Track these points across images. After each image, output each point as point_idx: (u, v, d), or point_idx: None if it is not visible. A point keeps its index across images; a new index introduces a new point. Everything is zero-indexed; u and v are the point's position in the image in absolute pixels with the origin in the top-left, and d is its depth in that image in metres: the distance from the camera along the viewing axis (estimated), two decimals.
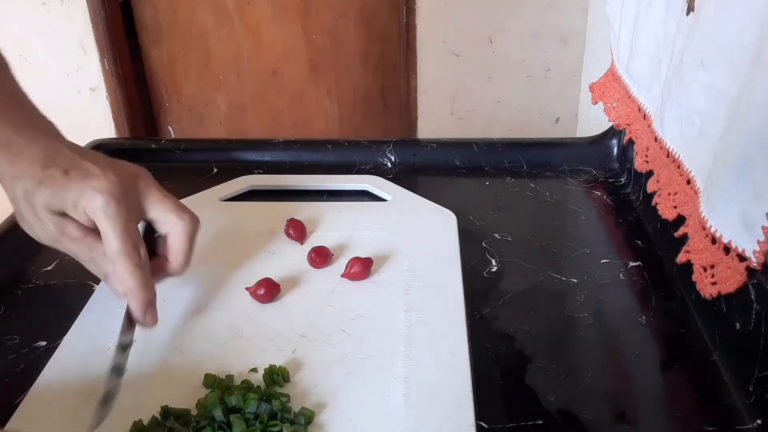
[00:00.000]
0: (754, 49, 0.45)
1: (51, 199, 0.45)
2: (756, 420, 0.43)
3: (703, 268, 0.51)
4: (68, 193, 0.45)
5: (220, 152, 0.80)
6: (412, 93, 1.72)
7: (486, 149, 0.78)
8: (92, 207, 0.45)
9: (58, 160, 0.46)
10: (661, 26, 0.65)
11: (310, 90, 1.84)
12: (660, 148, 0.63)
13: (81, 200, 0.45)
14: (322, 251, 0.57)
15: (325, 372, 0.46)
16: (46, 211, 0.46)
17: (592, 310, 0.54)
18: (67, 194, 0.45)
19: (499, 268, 0.60)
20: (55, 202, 0.46)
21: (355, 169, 0.76)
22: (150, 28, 1.78)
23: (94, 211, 0.45)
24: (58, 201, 0.46)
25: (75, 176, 0.46)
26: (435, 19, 1.63)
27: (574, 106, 1.74)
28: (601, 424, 0.44)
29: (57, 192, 0.45)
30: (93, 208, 0.45)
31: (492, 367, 0.48)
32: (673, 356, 0.51)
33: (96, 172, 0.46)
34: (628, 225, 0.67)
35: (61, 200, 0.46)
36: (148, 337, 0.49)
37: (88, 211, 0.46)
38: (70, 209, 0.46)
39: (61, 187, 0.45)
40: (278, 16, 1.75)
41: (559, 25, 1.65)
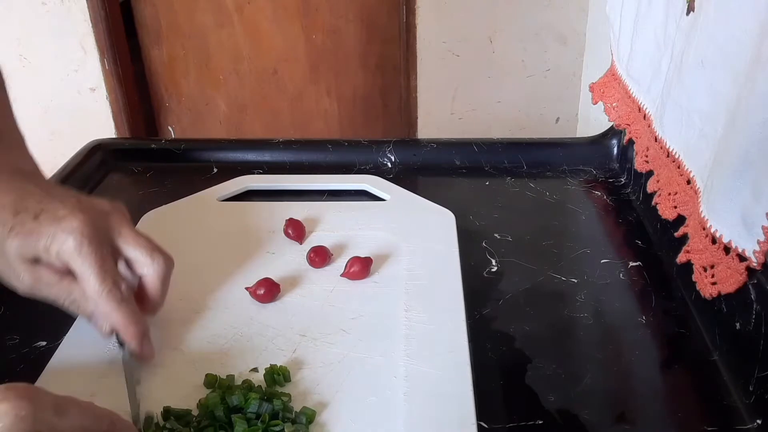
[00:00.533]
0: (754, 49, 0.45)
1: (22, 248, 0.44)
2: (756, 420, 0.43)
3: (703, 268, 0.51)
4: (39, 240, 0.44)
5: (220, 152, 0.80)
6: (412, 93, 1.72)
7: (486, 149, 0.78)
8: (64, 250, 0.44)
9: (29, 204, 0.45)
10: (661, 26, 0.65)
11: (310, 90, 1.84)
12: (660, 148, 0.63)
13: (52, 245, 0.44)
14: (321, 251, 0.57)
15: (326, 371, 0.46)
16: (19, 260, 0.44)
17: (592, 310, 0.54)
18: (38, 240, 0.44)
19: (499, 268, 0.60)
20: (26, 251, 0.44)
21: (355, 169, 0.76)
22: (150, 28, 1.78)
23: (67, 253, 0.44)
24: (30, 248, 0.44)
25: (44, 220, 0.44)
26: (435, 19, 1.63)
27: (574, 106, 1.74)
28: (601, 424, 0.44)
29: (27, 239, 0.44)
30: (65, 250, 0.44)
31: (492, 367, 0.48)
32: (673, 356, 0.51)
33: (64, 213, 0.45)
34: (628, 225, 0.67)
35: (33, 247, 0.44)
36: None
37: (61, 254, 0.44)
38: (43, 255, 0.44)
39: (32, 233, 0.44)
40: (278, 16, 1.75)
41: (559, 25, 1.65)
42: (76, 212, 0.45)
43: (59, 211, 0.45)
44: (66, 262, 0.45)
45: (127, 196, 0.74)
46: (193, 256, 0.58)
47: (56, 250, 0.44)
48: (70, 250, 0.44)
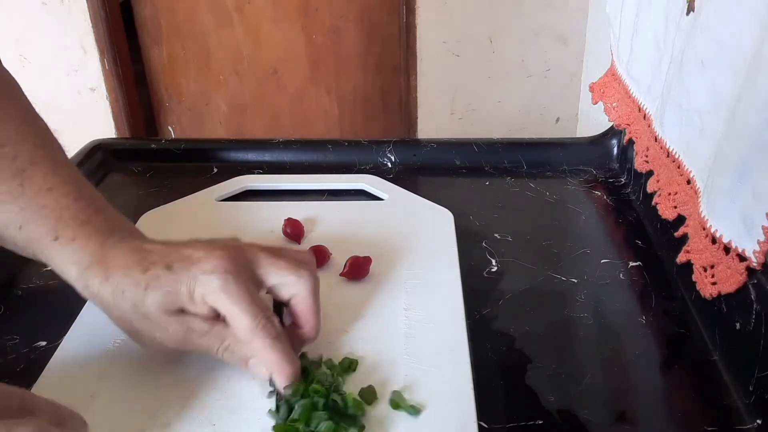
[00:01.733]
0: (754, 49, 0.45)
1: (164, 301, 0.42)
2: (756, 420, 0.43)
3: (703, 268, 0.51)
4: (180, 288, 0.42)
5: (220, 152, 0.80)
6: (412, 93, 1.73)
7: (486, 149, 0.78)
8: (210, 291, 0.41)
9: (154, 258, 0.43)
10: (661, 26, 0.65)
11: (310, 90, 1.85)
12: (660, 148, 0.63)
13: (196, 289, 0.41)
14: (320, 250, 0.57)
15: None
16: (163, 314, 0.42)
17: (592, 310, 0.54)
18: (179, 289, 0.42)
19: (499, 268, 0.60)
20: (170, 302, 0.42)
21: (354, 169, 0.76)
22: (150, 28, 1.78)
23: (213, 294, 0.41)
24: (172, 300, 0.42)
25: (179, 267, 0.42)
26: (435, 19, 1.64)
27: (574, 106, 1.74)
28: (601, 424, 0.44)
29: (168, 291, 0.42)
30: (210, 291, 0.41)
31: (492, 367, 0.48)
32: (673, 356, 0.51)
33: (199, 255, 0.42)
34: (628, 225, 0.67)
35: (175, 297, 0.42)
36: None
37: (207, 297, 0.42)
38: (187, 303, 0.42)
39: (170, 283, 0.42)
40: (278, 16, 1.75)
41: (559, 25, 1.65)
42: (210, 252, 0.43)
43: (193, 256, 0.42)
44: (212, 305, 0.42)
45: (127, 196, 0.74)
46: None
47: (201, 293, 0.42)
48: (215, 290, 0.41)
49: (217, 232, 0.62)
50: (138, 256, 0.43)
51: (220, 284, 0.41)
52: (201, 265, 0.42)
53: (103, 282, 0.43)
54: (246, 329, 0.41)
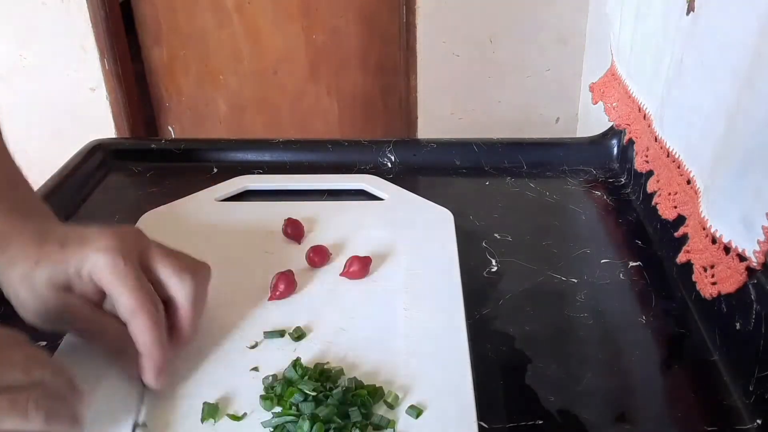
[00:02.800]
0: (754, 49, 0.45)
1: (52, 275, 0.43)
2: (756, 420, 0.43)
3: (703, 268, 0.51)
4: (69, 263, 0.43)
5: (220, 152, 0.80)
6: (412, 93, 1.72)
7: (486, 149, 0.78)
8: (97, 268, 0.42)
9: (51, 237, 0.44)
10: (661, 26, 0.65)
11: (310, 90, 1.85)
12: (660, 148, 0.63)
13: (84, 266, 0.42)
14: (320, 250, 0.57)
15: None
16: (49, 289, 0.43)
17: (592, 310, 0.54)
18: (68, 265, 0.43)
19: (499, 268, 0.60)
20: (57, 277, 0.43)
21: (354, 169, 0.76)
22: (150, 28, 1.78)
23: (100, 272, 0.42)
24: (60, 275, 0.43)
25: (72, 245, 0.43)
26: (435, 19, 1.63)
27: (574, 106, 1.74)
28: (601, 424, 0.44)
29: (56, 266, 0.43)
30: (98, 269, 0.42)
31: (492, 367, 0.48)
32: (673, 356, 0.51)
33: (92, 236, 0.43)
34: (628, 225, 0.67)
35: (63, 273, 0.43)
36: None
37: (94, 275, 0.42)
38: (75, 280, 0.43)
39: (60, 260, 0.43)
40: (278, 16, 1.75)
41: (559, 25, 1.65)
42: (103, 233, 0.44)
43: (87, 236, 0.43)
44: (98, 282, 0.43)
45: (127, 196, 0.74)
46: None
47: (88, 270, 0.42)
48: (102, 267, 0.42)
49: (217, 232, 0.62)
50: (38, 234, 0.44)
51: (107, 261, 0.42)
52: (92, 244, 0.43)
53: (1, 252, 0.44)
54: (127, 307, 0.42)
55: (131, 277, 0.42)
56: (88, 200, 0.72)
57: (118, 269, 0.42)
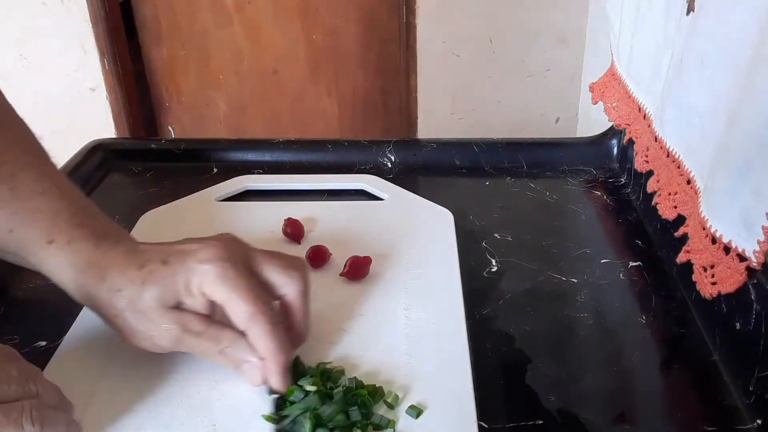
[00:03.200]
0: (754, 49, 0.45)
1: (161, 295, 0.41)
2: (756, 420, 0.43)
3: (703, 268, 0.51)
4: (177, 280, 0.41)
5: (220, 152, 0.80)
6: (412, 93, 1.73)
7: (486, 149, 0.78)
8: (207, 280, 0.41)
9: (150, 256, 0.43)
10: (661, 26, 0.65)
11: (310, 90, 1.85)
12: (660, 148, 0.63)
13: (192, 279, 0.41)
14: (320, 250, 0.57)
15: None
16: (159, 310, 0.42)
17: (592, 310, 0.54)
18: (175, 282, 0.41)
19: (499, 268, 0.60)
20: (166, 296, 0.41)
21: (355, 169, 0.76)
22: (150, 28, 1.78)
23: (210, 283, 0.41)
24: (168, 293, 0.41)
25: (175, 260, 0.42)
26: (435, 19, 1.64)
27: (574, 106, 1.74)
28: (601, 424, 0.44)
29: (164, 284, 0.41)
30: (208, 280, 0.41)
31: (492, 367, 0.48)
32: (673, 356, 0.51)
33: (195, 247, 0.42)
34: (628, 225, 0.66)
35: (172, 290, 0.41)
36: None
37: (205, 287, 0.41)
38: (185, 296, 0.42)
39: (167, 278, 0.41)
40: (278, 16, 1.75)
41: (559, 25, 1.65)
42: (203, 243, 0.43)
43: (188, 249, 0.42)
44: (210, 294, 0.42)
45: (127, 196, 0.74)
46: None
47: (198, 283, 0.41)
48: (212, 279, 0.41)
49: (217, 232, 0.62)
50: (133, 256, 0.43)
51: (217, 272, 0.41)
52: (197, 256, 0.42)
53: (98, 282, 0.43)
54: (245, 314, 0.41)
55: (243, 283, 0.41)
56: None
57: (229, 277, 0.41)
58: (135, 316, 0.42)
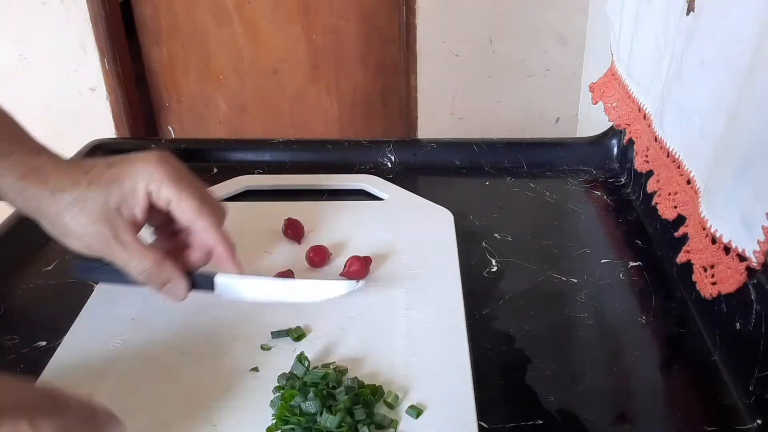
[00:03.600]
0: (754, 49, 0.45)
1: (107, 194, 0.44)
2: (756, 420, 0.43)
3: (703, 268, 0.51)
4: (123, 181, 0.44)
5: (220, 152, 0.80)
6: (412, 93, 1.72)
7: (486, 149, 0.78)
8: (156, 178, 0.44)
9: (94, 162, 0.45)
10: (661, 26, 0.65)
11: (310, 90, 1.84)
12: (660, 148, 0.63)
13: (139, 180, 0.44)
14: (320, 250, 0.57)
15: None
16: (100, 212, 0.44)
17: (592, 310, 0.54)
18: (122, 183, 0.44)
19: (499, 268, 0.60)
20: (111, 196, 0.44)
21: (355, 169, 0.76)
22: (150, 28, 1.78)
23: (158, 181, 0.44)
24: (113, 193, 0.44)
25: (121, 165, 0.45)
26: (435, 19, 1.63)
27: (574, 106, 1.74)
28: (601, 424, 0.44)
29: (110, 185, 0.44)
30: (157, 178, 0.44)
31: (492, 367, 0.48)
32: (673, 356, 0.51)
33: (140, 155, 0.45)
34: (628, 225, 0.66)
35: (118, 190, 0.44)
36: (146, 338, 0.49)
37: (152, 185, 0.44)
38: (128, 198, 0.44)
39: (114, 179, 0.44)
40: (278, 16, 1.75)
41: (559, 25, 1.65)
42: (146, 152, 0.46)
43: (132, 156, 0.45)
44: (156, 192, 0.45)
45: None
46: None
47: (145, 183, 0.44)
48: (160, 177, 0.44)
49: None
50: (76, 163, 0.46)
51: (164, 170, 0.44)
52: (144, 159, 0.45)
53: (41, 185, 0.44)
54: (192, 208, 0.45)
55: (188, 182, 0.45)
56: None
57: (176, 177, 0.45)
58: (73, 215, 0.44)
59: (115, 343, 0.47)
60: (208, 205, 0.46)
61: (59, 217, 0.44)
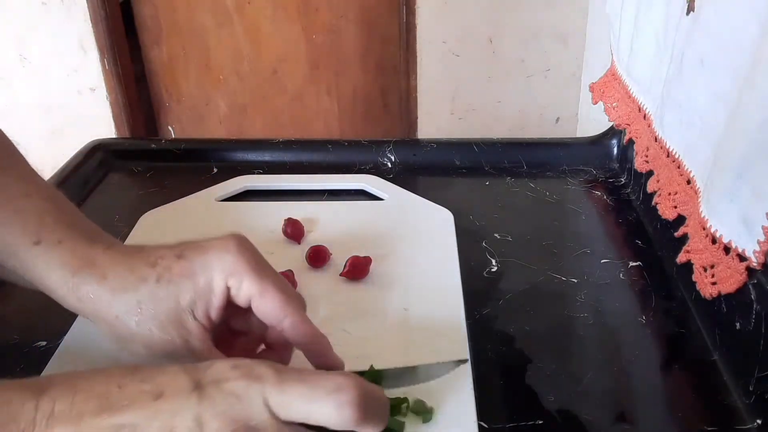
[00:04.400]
0: (754, 49, 0.45)
1: (180, 290, 0.38)
2: (756, 420, 0.43)
3: (703, 268, 0.51)
4: (197, 274, 0.38)
5: (220, 152, 0.80)
6: (412, 93, 1.72)
7: (486, 149, 0.78)
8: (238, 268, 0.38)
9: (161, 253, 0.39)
10: (661, 26, 0.65)
11: (310, 90, 1.85)
12: (660, 148, 0.63)
13: (215, 273, 0.38)
14: (320, 250, 0.57)
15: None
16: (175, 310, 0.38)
17: (592, 310, 0.54)
18: (195, 276, 0.38)
19: (499, 268, 0.60)
20: (186, 293, 0.38)
21: (355, 169, 0.76)
22: (150, 28, 1.78)
23: (238, 273, 0.38)
24: (187, 291, 0.38)
25: (193, 255, 0.39)
26: (435, 19, 1.63)
27: (574, 106, 1.74)
28: (601, 424, 0.44)
29: (182, 280, 0.38)
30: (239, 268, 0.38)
31: (492, 367, 0.48)
32: (673, 356, 0.51)
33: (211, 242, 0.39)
34: (628, 225, 0.66)
35: (192, 287, 0.38)
36: None
37: (231, 279, 0.38)
38: (203, 294, 0.38)
39: (185, 273, 0.38)
40: (278, 16, 1.75)
41: (559, 25, 1.65)
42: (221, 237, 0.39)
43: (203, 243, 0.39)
44: (236, 287, 0.39)
45: (127, 196, 0.74)
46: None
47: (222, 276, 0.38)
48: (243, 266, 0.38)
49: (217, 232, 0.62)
50: (138, 254, 0.40)
51: (247, 258, 0.38)
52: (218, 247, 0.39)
53: (99, 281, 0.39)
54: (279, 303, 0.39)
55: (272, 271, 0.39)
56: (88, 200, 0.72)
57: (258, 266, 0.39)
58: (139, 321, 0.38)
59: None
60: (292, 297, 0.39)
61: (120, 321, 0.39)
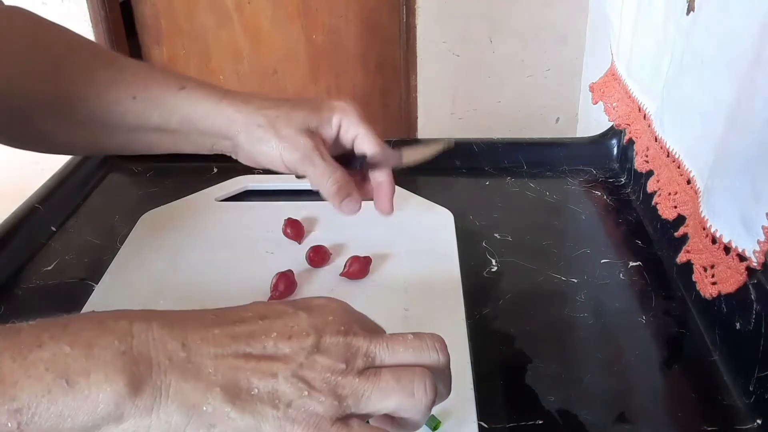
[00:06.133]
0: (754, 49, 0.45)
1: (307, 118, 0.51)
2: (756, 420, 0.43)
3: (703, 268, 0.51)
4: (322, 111, 0.51)
5: None
6: (412, 93, 1.72)
7: (486, 149, 0.78)
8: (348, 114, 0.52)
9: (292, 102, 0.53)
10: (661, 26, 0.65)
11: (310, 90, 1.84)
12: (660, 148, 0.63)
13: (334, 113, 0.52)
14: (320, 250, 0.57)
15: None
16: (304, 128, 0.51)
17: (592, 310, 0.54)
18: (321, 113, 0.51)
19: (499, 268, 0.60)
20: (311, 121, 0.51)
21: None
22: (150, 28, 1.78)
23: (351, 116, 0.52)
24: (313, 120, 0.51)
25: (320, 103, 0.52)
26: (435, 19, 1.64)
27: (574, 106, 1.74)
28: (601, 424, 0.44)
29: (310, 114, 0.51)
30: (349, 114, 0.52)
31: (492, 368, 0.48)
32: (673, 356, 0.51)
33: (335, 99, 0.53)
34: (628, 225, 0.66)
35: (317, 118, 0.51)
36: None
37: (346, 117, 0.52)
38: (323, 126, 0.52)
39: (314, 110, 0.52)
40: (278, 16, 1.75)
41: (559, 25, 1.65)
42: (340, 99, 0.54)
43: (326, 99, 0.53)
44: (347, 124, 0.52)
45: (127, 196, 0.74)
46: (192, 256, 0.58)
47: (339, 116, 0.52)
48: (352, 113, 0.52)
49: (217, 232, 0.62)
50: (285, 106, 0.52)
51: (356, 109, 0.52)
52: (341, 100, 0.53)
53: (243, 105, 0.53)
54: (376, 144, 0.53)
55: (369, 123, 0.53)
56: (88, 200, 0.72)
57: (362, 116, 0.53)
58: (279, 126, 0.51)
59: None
60: (386, 147, 0.53)
61: (261, 129, 0.51)
